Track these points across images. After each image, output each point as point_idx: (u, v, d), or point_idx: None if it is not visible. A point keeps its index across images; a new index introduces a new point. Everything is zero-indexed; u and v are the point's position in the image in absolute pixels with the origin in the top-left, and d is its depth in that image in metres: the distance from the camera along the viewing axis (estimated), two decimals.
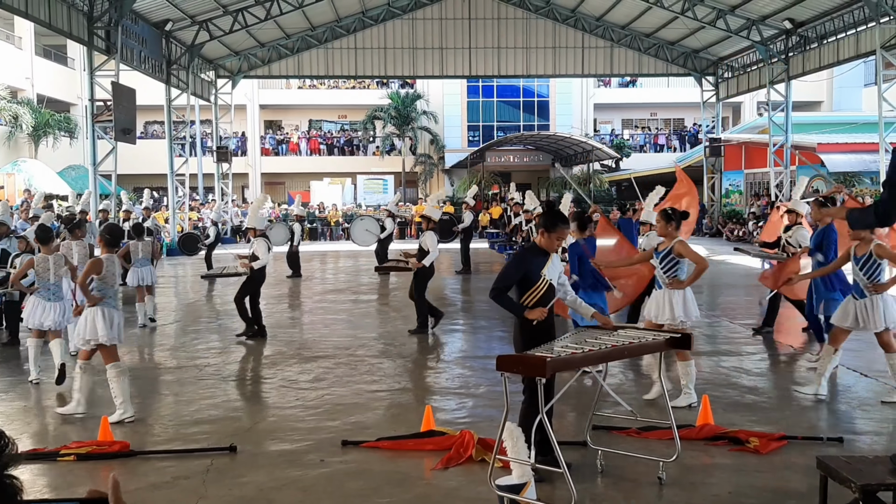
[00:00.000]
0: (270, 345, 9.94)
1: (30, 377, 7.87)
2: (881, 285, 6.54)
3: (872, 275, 6.54)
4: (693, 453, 5.46)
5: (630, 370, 8.13)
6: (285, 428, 6.28)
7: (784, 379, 7.90)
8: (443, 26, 29.74)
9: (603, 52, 30.46)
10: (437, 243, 10.48)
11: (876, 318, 6.55)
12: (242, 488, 5.02)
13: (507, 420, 4.52)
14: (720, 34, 26.97)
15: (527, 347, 4.83)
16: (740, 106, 41.38)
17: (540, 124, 41.08)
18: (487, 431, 5.69)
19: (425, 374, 8.21)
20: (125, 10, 20.15)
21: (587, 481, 4.98)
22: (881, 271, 6.56)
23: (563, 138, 35.18)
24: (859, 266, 6.59)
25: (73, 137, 34.14)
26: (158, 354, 9.51)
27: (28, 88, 32.41)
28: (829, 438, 5.71)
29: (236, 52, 29.63)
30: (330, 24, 29.29)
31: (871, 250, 6.50)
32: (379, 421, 6.45)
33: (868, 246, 6.53)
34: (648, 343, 5.08)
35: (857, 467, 4.07)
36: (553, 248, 5.14)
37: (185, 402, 7.16)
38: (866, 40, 21.45)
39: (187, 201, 28.70)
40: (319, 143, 42.24)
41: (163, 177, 28.12)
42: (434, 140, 40.75)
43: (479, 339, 10.22)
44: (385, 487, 5.00)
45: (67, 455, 5.50)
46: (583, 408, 6.47)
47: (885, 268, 6.59)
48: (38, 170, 28.40)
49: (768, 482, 5.00)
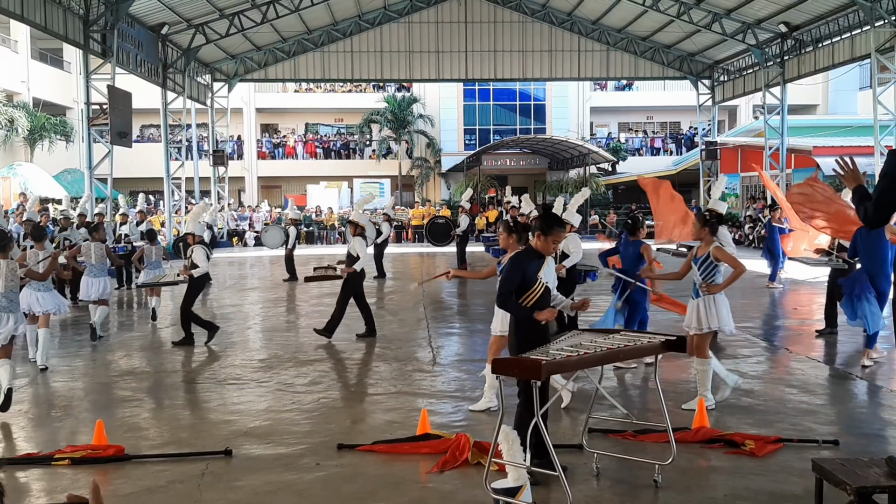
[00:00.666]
0: (266, 348, 9.93)
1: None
2: (714, 286, 6.63)
3: (708, 275, 6.65)
4: (689, 456, 5.46)
5: (626, 373, 8.13)
6: (281, 431, 6.27)
7: (780, 382, 7.90)
8: (439, 30, 29.77)
9: (599, 56, 30.51)
10: (365, 249, 10.37)
11: (709, 319, 6.61)
12: (238, 492, 5.01)
13: (503, 423, 4.52)
14: (716, 38, 27.03)
15: (522, 350, 4.83)
16: (736, 109, 41.46)
17: (536, 128, 41.12)
18: (483, 434, 5.69)
19: (421, 378, 8.20)
20: (121, 13, 20.14)
21: (583, 484, 4.98)
22: (717, 273, 6.66)
23: (560, 142, 35.21)
24: (698, 266, 6.71)
25: (69, 141, 34.09)
26: (153, 358, 9.48)
27: (24, 92, 32.38)
28: (824, 441, 5.72)
29: (232, 56, 29.64)
30: (326, 27, 29.30)
31: (710, 252, 6.61)
32: (374, 424, 6.45)
33: (708, 247, 6.65)
34: (644, 346, 5.08)
35: (852, 470, 4.08)
36: (549, 250, 5.13)
37: (180, 406, 7.15)
38: (861, 44, 21.51)
39: (183, 205, 28.66)
40: (316, 146, 42.24)
41: (159, 180, 28.10)
42: (430, 143, 40.77)
43: (475, 342, 10.22)
44: (381, 491, 4.99)
45: (62, 459, 5.48)
46: (578, 410, 6.47)
47: (721, 270, 6.67)
48: (33, 173, 28.36)
49: (764, 485, 5.00)
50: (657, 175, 37.81)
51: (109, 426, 6.11)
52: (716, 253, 6.61)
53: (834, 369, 8.38)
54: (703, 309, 6.64)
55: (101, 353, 9.76)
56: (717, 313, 6.61)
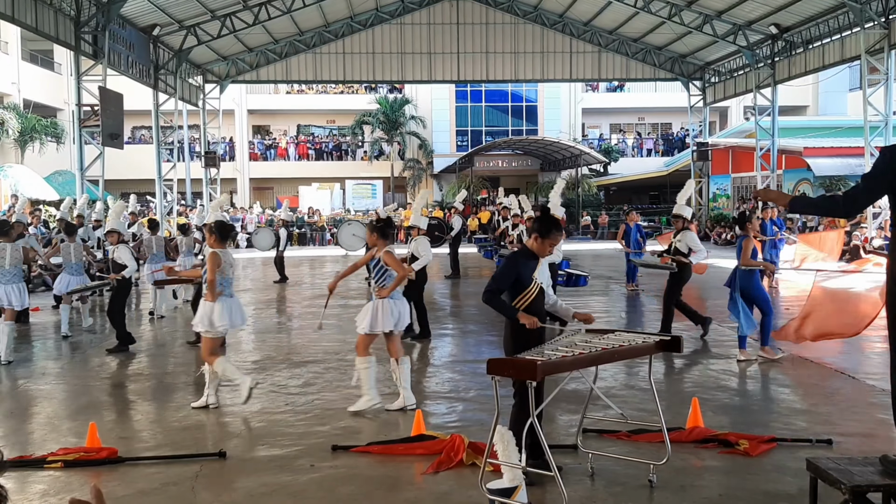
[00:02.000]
0: (259, 350, 9.90)
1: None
2: (383, 289, 6.80)
3: (380, 279, 6.85)
4: (683, 456, 5.47)
5: (621, 373, 8.14)
6: (275, 433, 6.25)
7: (773, 382, 7.92)
8: (431, 31, 29.79)
9: (591, 57, 30.59)
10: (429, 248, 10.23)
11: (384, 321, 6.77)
12: (232, 494, 4.99)
13: (498, 423, 4.52)
14: (707, 39, 27.14)
15: (517, 351, 4.83)
16: (727, 110, 41.62)
17: (528, 129, 41.19)
18: (478, 435, 5.69)
19: (415, 379, 8.18)
20: (112, 14, 20.08)
21: (578, 484, 4.98)
22: (389, 277, 6.83)
23: (552, 143, 35.28)
24: (373, 268, 6.93)
25: (60, 143, 33.94)
26: (146, 359, 9.44)
27: (14, 93, 32.23)
28: (818, 440, 5.74)
29: (224, 57, 29.58)
30: (318, 28, 29.28)
31: (381, 257, 6.81)
32: (369, 425, 6.43)
33: (379, 252, 6.84)
34: (638, 346, 5.09)
35: (846, 469, 4.08)
36: (545, 253, 5.15)
37: (173, 408, 7.12)
38: (851, 45, 21.62)
39: (175, 206, 28.58)
40: (308, 147, 42.17)
41: (151, 182, 28.02)
42: (423, 145, 40.77)
43: (468, 342, 10.21)
44: (376, 492, 4.98)
45: (55, 462, 5.45)
46: (573, 411, 6.48)
47: (392, 274, 6.83)
48: (24, 175, 28.20)
49: (758, 484, 5.01)
50: (648, 177, 38.01)
51: (102, 428, 6.09)
52: (385, 258, 6.79)
53: (827, 368, 8.41)
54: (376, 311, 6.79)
55: (93, 355, 9.71)
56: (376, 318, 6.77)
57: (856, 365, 8.48)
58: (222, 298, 7.05)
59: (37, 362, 9.31)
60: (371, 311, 6.80)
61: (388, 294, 6.76)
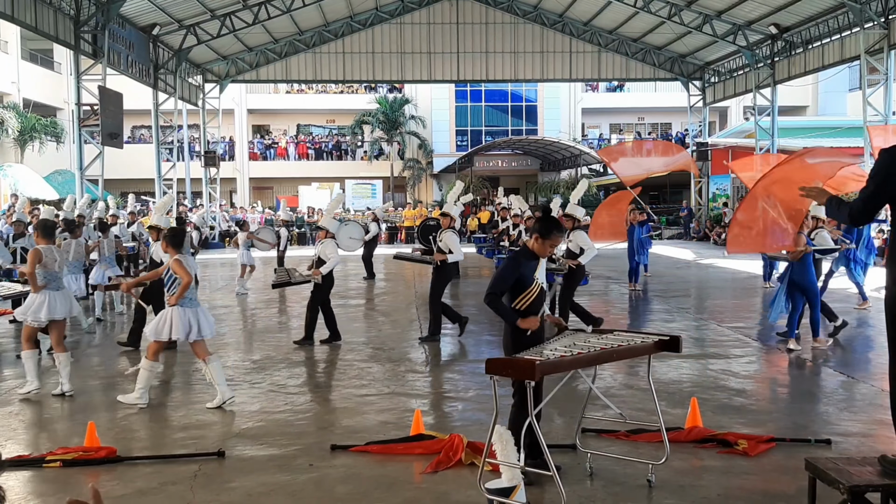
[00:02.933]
0: (259, 349, 9.90)
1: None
2: (172, 297, 6.96)
3: (171, 286, 7.02)
4: (682, 456, 5.47)
5: (619, 373, 8.14)
6: (274, 433, 6.25)
7: (772, 382, 7.93)
8: (431, 31, 29.79)
9: (590, 57, 30.59)
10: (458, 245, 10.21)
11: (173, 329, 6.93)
12: (231, 493, 4.99)
13: (497, 423, 4.51)
14: (707, 39, 27.14)
15: (516, 350, 4.83)
16: (727, 110, 41.63)
17: (528, 129, 41.20)
18: (477, 435, 5.69)
19: (414, 378, 8.19)
20: (112, 14, 20.08)
21: (576, 484, 4.98)
22: (177, 285, 6.94)
23: (551, 143, 35.29)
24: (165, 276, 7.11)
25: (60, 142, 33.96)
26: None
27: (14, 93, 32.25)
28: (817, 440, 5.74)
29: (224, 57, 29.58)
30: (318, 28, 29.28)
31: (169, 264, 6.96)
32: (368, 425, 6.43)
33: (170, 261, 6.99)
34: (637, 346, 5.09)
35: (845, 469, 4.09)
36: (545, 253, 5.15)
37: (172, 407, 7.12)
38: (851, 45, 21.63)
39: (175, 206, 28.56)
40: (307, 147, 42.17)
41: (150, 181, 28.02)
42: (422, 145, 40.77)
43: (467, 342, 10.21)
44: (374, 492, 4.98)
45: (53, 461, 5.44)
46: (572, 411, 6.48)
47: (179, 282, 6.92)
48: (24, 175, 28.24)
49: (757, 484, 5.01)
50: (647, 176, 37.94)
51: (101, 428, 6.08)
52: (173, 266, 6.91)
53: (826, 368, 8.41)
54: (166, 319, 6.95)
55: (91, 354, 9.71)
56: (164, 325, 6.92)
57: (855, 365, 8.48)
58: (45, 291, 7.43)
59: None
60: (159, 319, 7.00)
61: (176, 301, 6.90)
